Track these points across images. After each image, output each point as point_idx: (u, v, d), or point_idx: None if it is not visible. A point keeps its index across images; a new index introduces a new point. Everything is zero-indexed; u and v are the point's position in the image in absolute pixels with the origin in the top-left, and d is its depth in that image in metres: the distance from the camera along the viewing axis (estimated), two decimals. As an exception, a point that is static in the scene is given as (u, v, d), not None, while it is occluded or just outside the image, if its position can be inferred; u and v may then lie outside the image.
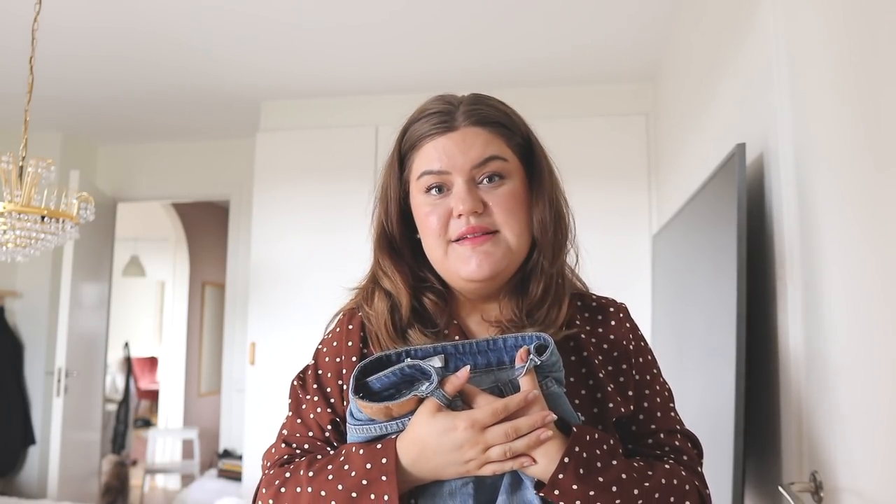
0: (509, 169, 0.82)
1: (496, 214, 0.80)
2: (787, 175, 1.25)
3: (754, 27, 1.48)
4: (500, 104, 0.86)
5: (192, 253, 5.52)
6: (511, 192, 0.81)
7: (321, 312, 0.96)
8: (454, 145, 0.80)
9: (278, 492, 0.77)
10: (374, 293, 0.86)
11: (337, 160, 3.30)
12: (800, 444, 1.18)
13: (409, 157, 0.85)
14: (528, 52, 2.82)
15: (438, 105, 0.84)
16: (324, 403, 0.83)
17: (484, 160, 0.80)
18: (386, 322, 0.82)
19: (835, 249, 1.03)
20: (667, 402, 0.87)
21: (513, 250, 0.81)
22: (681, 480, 0.77)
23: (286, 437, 0.85)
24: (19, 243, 1.98)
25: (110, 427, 5.28)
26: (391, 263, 0.86)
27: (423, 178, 0.82)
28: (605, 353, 0.84)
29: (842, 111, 1.00)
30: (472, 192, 0.80)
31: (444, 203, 0.81)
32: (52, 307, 3.86)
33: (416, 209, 0.84)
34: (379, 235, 0.88)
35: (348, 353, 0.84)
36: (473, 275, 0.79)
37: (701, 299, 1.70)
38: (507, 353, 0.76)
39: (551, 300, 0.83)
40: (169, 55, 2.87)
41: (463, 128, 0.81)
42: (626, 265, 2.85)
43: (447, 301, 0.86)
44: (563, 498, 0.70)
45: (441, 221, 0.81)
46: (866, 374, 0.93)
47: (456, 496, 0.73)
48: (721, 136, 1.78)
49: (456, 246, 0.81)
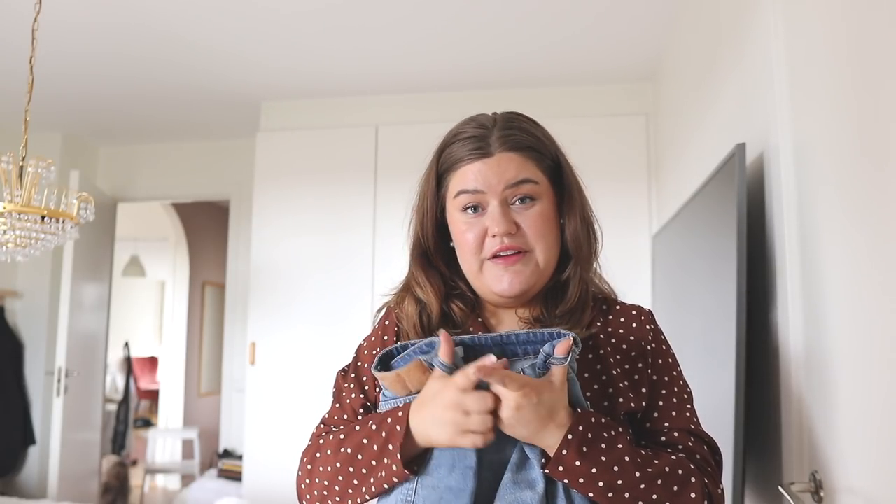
0: (540, 191, 0.89)
1: (528, 235, 0.87)
2: (787, 175, 1.25)
3: (754, 27, 1.48)
4: (531, 127, 0.92)
5: (192, 253, 5.52)
6: (541, 212, 0.88)
7: (321, 312, 1.00)
8: (489, 170, 0.87)
9: (314, 456, 0.88)
10: (406, 299, 0.93)
11: (337, 160, 3.30)
12: (800, 444, 1.18)
13: (446, 177, 0.92)
14: (528, 53, 2.82)
15: (473, 129, 0.90)
16: (358, 390, 0.92)
17: (516, 183, 0.87)
18: (415, 324, 0.90)
19: (834, 249, 1.03)
20: (684, 403, 0.89)
21: (541, 268, 0.88)
22: (686, 471, 0.80)
23: (325, 420, 0.96)
24: (19, 243, 1.98)
25: (110, 427, 5.28)
26: (424, 275, 0.93)
27: (461, 197, 0.89)
28: (623, 353, 0.89)
29: (841, 111, 1.00)
30: (506, 213, 0.87)
31: (480, 222, 0.88)
32: (52, 307, 3.86)
33: (454, 225, 0.92)
34: (414, 247, 0.96)
35: (384, 346, 0.91)
36: (505, 292, 0.87)
37: (701, 299, 1.70)
38: (521, 347, 0.80)
39: (581, 305, 0.90)
40: (169, 53, 2.87)
41: (498, 154, 0.88)
42: (626, 265, 2.85)
43: (475, 308, 0.94)
44: (567, 475, 0.75)
45: (477, 240, 0.88)
46: (866, 373, 0.93)
47: (455, 469, 0.77)
48: (721, 136, 1.78)
49: (490, 264, 0.88)
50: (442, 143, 0.93)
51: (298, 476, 0.91)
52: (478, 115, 0.93)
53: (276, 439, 3.17)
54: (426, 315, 0.91)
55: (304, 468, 0.89)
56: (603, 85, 3.16)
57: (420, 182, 0.96)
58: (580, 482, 0.75)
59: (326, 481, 0.84)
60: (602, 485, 0.75)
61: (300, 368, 3.20)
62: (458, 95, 3.27)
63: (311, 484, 0.87)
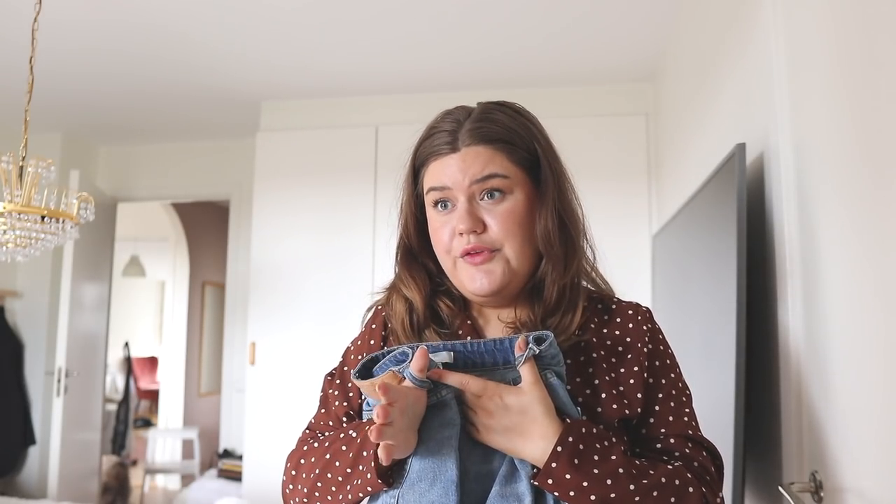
0: (510, 185, 0.84)
1: (495, 233, 0.84)
2: (787, 175, 1.25)
3: (754, 27, 1.48)
4: (506, 118, 0.87)
5: (192, 253, 5.52)
6: (511, 208, 0.84)
7: (321, 312, 1.00)
8: (455, 165, 0.84)
9: (298, 462, 0.87)
10: (394, 298, 0.92)
11: (337, 160, 3.30)
12: (800, 444, 1.18)
13: (420, 173, 0.90)
14: (528, 52, 2.82)
15: (446, 123, 0.88)
16: (342, 397, 0.91)
17: (483, 178, 0.83)
18: (403, 322, 0.88)
19: (834, 249, 1.03)
20: (682, 406, 0.86)
21: (513, 266, 0.84)
22: (683, 482, 0.77)
23: (311, 426, 0.95)
24: (19, 243, 1.98)
25: (110, 427, 5.29)
26: (409, 274, 0.91)
27: (431, 194, 0.87)
28: (618, 355, 0.85)
29: (841, 111, 1.00)
30: (472, 211, 0.84)
31: (451, 219, 0.85)
32: (52, 307, 3.86)
33: (430, 222, 0.90)
34: (399, 246, 0.94)
35: (370, 350, 0.89)
36: (478, 291, 0.85)
37: (701, 299, 1.70)
38: (513, 354, 0.78)
39: (565, 307, 0.86)
40: (169, 53, 2.87)
41: (464, 148, 0.85)
42: (626, 265, 2.86)
43: (462, 305, 0.91)
44: (557, 487, 0.72)
45: (448, 238, 0.86)
46: (866, 373, 0.93)
47: (436, 483, 0.74)
48: (721, 136, 1.78)
49: (462, 262, 0.86)
50: (419, 139, 0.91)
51: (283, 481, 0.90)
52: (456, 108, 0.90)
53: (276, 439, 3.16)
54: (415, 314, 0.88)
55: (289, 474, 0.88)
56: (603, 85, 3.16)
57: (402, 181, 0.94)
58: (570, 495, 0.72)
59: (307, 488, 0.84)
60: (594, 498, 0.72)
61: (300, 368, 3.20)
62: (458, 95, 3.25)
63: (294, 490, 0.87)
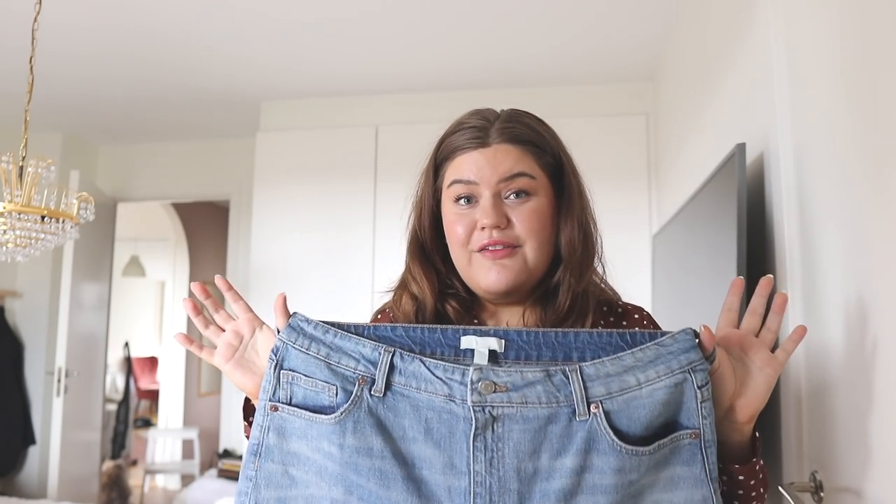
0: (536, 186, 0.86)
1: (519, 230, 0.84)
2: (787, 175, 1.25)
3: (754, 27, 1.48)
4: (534, 123, 0.90)
5: (192, 253, 5.52)
6: (535, 209, 0.85)
7: (321, 312, 0.99)
8: (485, 160, 0.85)
9: None
10: (403, 296, 0.91)
11: (337, 160, 3.30)
12: (800, 444, 1.18)
13: (443, 167, 0.90)
14: (528, 52, 2.82)
15: (475, 120, 0.88)
16: None
17: (511, 176, 0.84)
18: (410, 321, 0.88)
19: (835, 249, 1.03)
20: None
21: (530, 266, 0.85)
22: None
23: None
24: (19, 243, 1.98)
25: (110, 427, 5.29)
26: (420, 270, 0.91)
27: (454, 187, 0.87)
28: None
29: (841, 111, 1.00)
30: (498, 206, 0.84)
31: (471, 214, 0.85)
32: (52, 307, 3.86)
33: (445, 216, 0.89)
34: (411, 241, 0.94)
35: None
36: (492, 286, 0.85)
37: (701, 299, 1.70)
38: (577, 351, 0.71)
39: (577, 313, 0.86)
40: (169, 53, 2.87)
41: (495, 144, 0.85)
42: (626, 265, 2.84)
43: (470, 308, 0.91)
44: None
45: (466, 231, 0.85)
46: (866, 373, 0.93)
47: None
48: (721, 136, 1.78)
49: (478, 256, 0.85)
50: (444, 133, 0.91)
51: None
52: (483, 109, 0.91)
53: (276, 439, 3.16)
54: (421, 314, 0.89)
55: None
56: (603, 85, 3.16)
57: (419, 176, 0.94)
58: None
59: None
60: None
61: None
62: (459, 95, 3.27)
63: None
